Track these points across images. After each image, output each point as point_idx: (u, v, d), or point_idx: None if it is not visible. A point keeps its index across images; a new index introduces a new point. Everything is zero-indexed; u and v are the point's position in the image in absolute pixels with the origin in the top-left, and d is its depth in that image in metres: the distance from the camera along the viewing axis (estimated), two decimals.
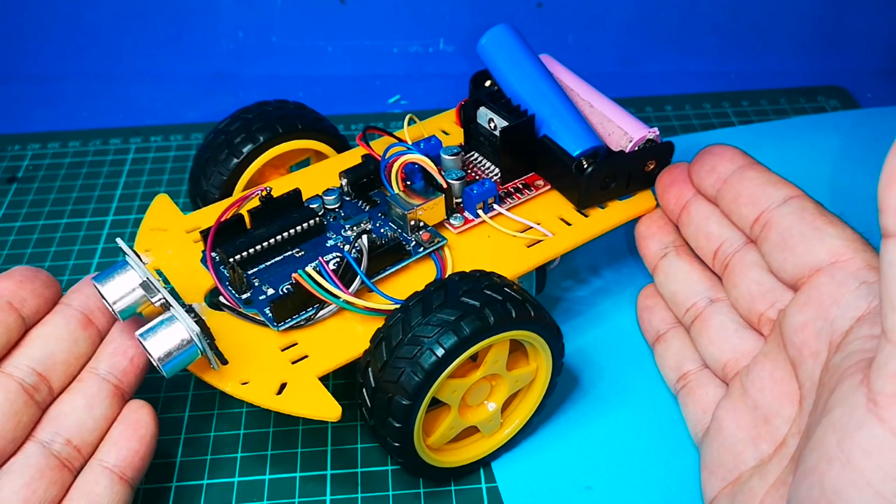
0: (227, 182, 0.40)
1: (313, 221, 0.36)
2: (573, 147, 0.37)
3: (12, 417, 0.30)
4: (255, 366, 0.31)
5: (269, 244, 0.35)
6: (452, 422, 0.33)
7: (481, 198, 0.37)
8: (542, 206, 0.38)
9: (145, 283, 0.30)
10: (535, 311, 0.31)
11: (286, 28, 0.64)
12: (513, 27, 0.41)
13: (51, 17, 0.62)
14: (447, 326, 0.29)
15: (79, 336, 0.32)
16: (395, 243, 0.34)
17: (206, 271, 0.35)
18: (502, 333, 0.30)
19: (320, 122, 0.42)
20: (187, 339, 0.29)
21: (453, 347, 0.29)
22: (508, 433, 0.35)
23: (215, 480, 0.35)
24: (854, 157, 0.53)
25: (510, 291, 0.31)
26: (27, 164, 0.55)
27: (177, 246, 0.37)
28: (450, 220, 0.37)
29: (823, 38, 0.65)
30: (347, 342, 0.32)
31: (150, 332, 0.29)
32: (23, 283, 0.32)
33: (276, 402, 0.30)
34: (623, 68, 0.65)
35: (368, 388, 0.31)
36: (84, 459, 0.31)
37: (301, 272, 0.32)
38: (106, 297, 0.31)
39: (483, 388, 0.33)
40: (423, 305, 0.30)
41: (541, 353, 0.33)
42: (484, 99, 0.39)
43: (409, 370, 0.29)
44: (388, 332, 0.30)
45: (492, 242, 0.36)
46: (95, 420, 0.31)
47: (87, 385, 0.31)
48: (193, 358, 0.29)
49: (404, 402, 0.29)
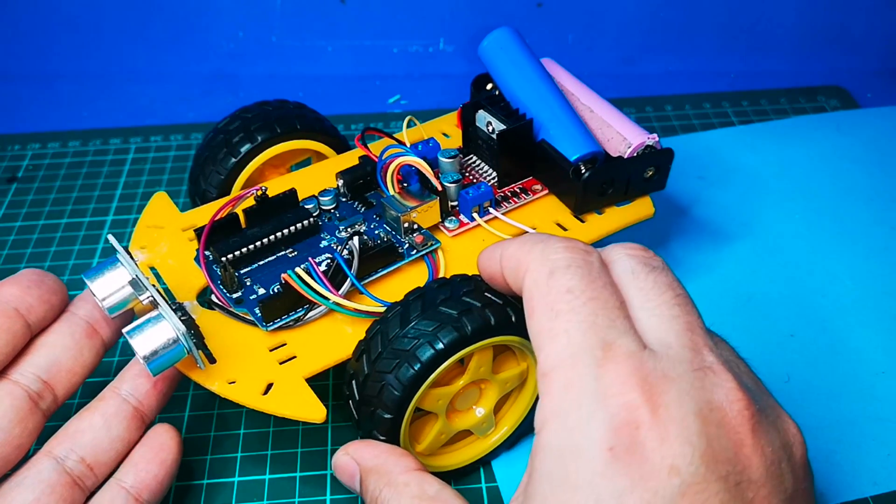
0: (225, 181, 0.40)
1: (307, 222, 0.35)
2: (571, 152, 0.37)
3: (18, 423, 0.30)
4: (242, 365, 0.31)
5: (262, 244, 0.34)
6: (441, 429, 0.33)
7: (477, 201, 0.36)
8: (538, 211, 0.38)
9: (134, 280, 0.31)
10: (516, 315, 0.30)
11: (286, 28, 0.64)
12: (515, 30, 0.41)
13: (50, 17, 0.62)
14: (424, 338, 0.29)
15: (84, 345, 0.32)
16: (388, 245, 0.34)
17: (199, 270, 0.35)
18: (482, 341, 0.30)
19: (320, 122, 0.42)
20: (173, 338, 0.29)
21: (431, 360, 0.29)
22: (503, 434, 0.35)
23: (215, 480, 0.35)
24: (854, 157, 0.53)
25: (491, 296, 0.30)
26: (27, 164, 0.55)
27: (172, 243, 0.37)
28: (444, 224, 0.37)
29: (823, 38, 0.65)
30: (336, 344, 0.32)
31: (137, 329, 0.29)
32: (30, 288, 0.32)
33: (262, 402, 0.30)
34: (623, 68, 0.65)
35: (354, 400, 0.31)
36: (96, 479, 0.31)
37: (290, 272, 0.32)
38: (95, 293, 0.31)
39: (472, 393, 0.33)
40: (401, 317, 0.30)
41: (528, 354, 0.33)
42: (483, 102, 0.39)
43: (389, 384, 0.29)
44: (368, 345, 0.30)
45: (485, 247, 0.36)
46: (111, 440, 0.31)
47: (106, 404, 0.32)
48: (179, 357, 0.29)
49: (386, 415, 0.30)
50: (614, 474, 0.22)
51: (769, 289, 0.44)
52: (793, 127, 0.56)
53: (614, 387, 0.23)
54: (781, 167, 0.52)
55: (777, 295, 0.43)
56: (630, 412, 0.22)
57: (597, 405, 0.23)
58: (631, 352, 0.23)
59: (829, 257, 0.45)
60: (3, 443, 0.29)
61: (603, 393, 0.23)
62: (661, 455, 0.22)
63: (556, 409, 0.23)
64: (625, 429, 0.22)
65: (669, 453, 0.22)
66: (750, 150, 0.54)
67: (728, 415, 0.23)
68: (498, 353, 0.33)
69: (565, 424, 0.23)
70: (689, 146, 0.54)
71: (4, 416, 0.30)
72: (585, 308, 0.24)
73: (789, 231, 0.47)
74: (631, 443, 0.22)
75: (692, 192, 0.50)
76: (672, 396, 0.23)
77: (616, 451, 0.22)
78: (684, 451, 0.22)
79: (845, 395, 0.38)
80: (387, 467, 0.29)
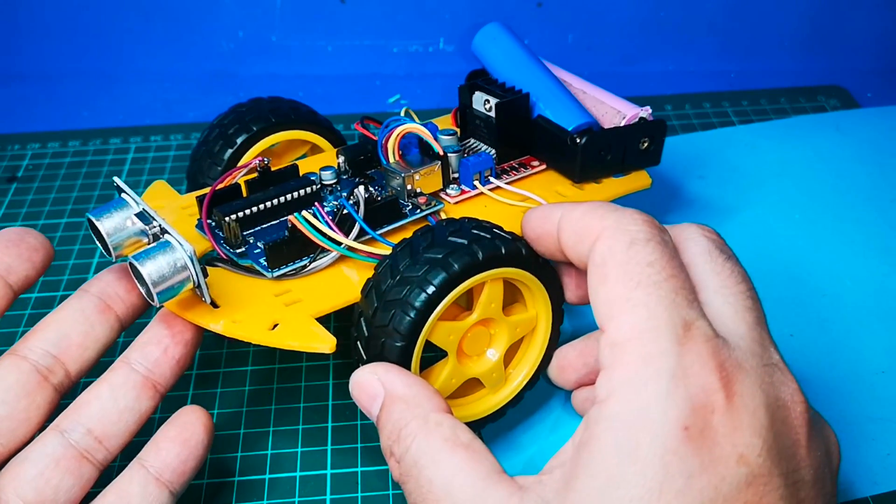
0: (222, 173, 0.40)
1: (310, 189, 0.35)
2: (568, 122, 0.37)
3: (25, 397, 0.29)
4: (248, 307, 0.31)
5: (265, 206, 0.34)
6: (452, 370, 0.32)
7: (478, 167, 0.37)
8: (538, 183, 0.38)
9: (141, 213, 0.30)
10: (526, 249, 0.30)
11: (286, 28, 0.64)
12: (504, 24, 0.42)
13: (50, 16, 0.62)
14: (435, 264, 0.29)
15: (95, 320, 0.31)
16: (392, 199, 0.34)
17: (201, 239, 0.35)
18: (493, 270, 0.30)
19: (313, 115, 0.42)
20: (183, 262, 0.28)
21: (443, 283, 0.28)
22: (514, 388, 0.34)
23: (215, 480, 0.35)
24: (854, 157, 0.53)
25: (499, 231, 0.30)
26: (27, 164, 0.55)
27: (173, 219, 0.36)
28: (446, 191, 0.37)
29: (824, 38, 0.65)
30: (342, 289, 0.32)
31: (144, 254, 0.28)
32: (8, 248, 0.31)
33: (269, 336, 0.29)
34: (623, 68, 0.65)
35: (363, 338, 0.30)
36: (108, 453, 0.30)
37: (297, 215, 0.31)
38: (103, 230, 0.30)
39: (481, 335, 0.32)
40: (411, 249, 0.30)
41: (538, 297, 0.32)
42: (479, 83, 0.39)
43: (399, 311, 0.28)
44: (377, 279, 0.30)
45: (488, 212, 0.36)
46: (120, 411, 0.30)
47: (115, 374, 0.31)
48: (187, 282, 0.29)
49: (398, 343, 0.29)
50: (686, 454, 0.22)
51: (769, 288, 0.43)
52: (793, 127, 0.56)
53: (694, 367, 0.23)
54: (781, 167, 0.52)
55: (777, 295, 0.43)
56: (707, 395, 0.22)
57: (676, 383, 0.22)
58: (709, 335, 0.23)
59: (829, 257, 0.45)
60: (6, 416, 0.29)
61: (683, 372, 0.23)
62: (733, 443, 0.22)
63: (630, 379, 0.23)
64: (700, 411, 0.22)
65: (741, 442, 0.22)
66: (750, 150, 0.54)
67: (791, 414, 0.23)
68: (507, 303, 0.32)
69: (639, 396, 0.23)
70: (689, 146, 0.54)
71: (10, 390, 0.29)
72: (667, 284, 0.24)
73: (789, 230, 0.47)
74: (705, 426, 0.22)
75: (692, 192, 0.50)
76: (746, 386, 0.23)
77: (691, 431, 0.22)
78: (754, 442, 0.22)
79: (845, 395, 0.38)
80: (418, 400, 0.27)
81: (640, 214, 0.26)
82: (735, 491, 0.22)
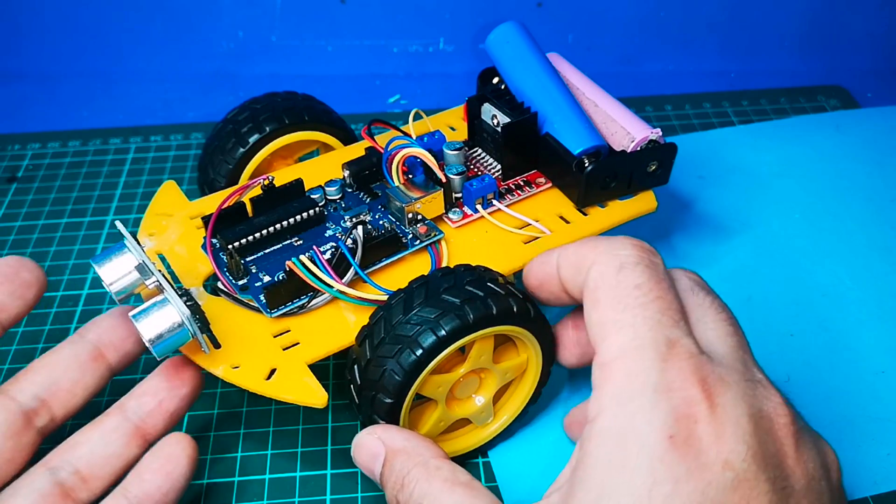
0: (233, 171, 0.40)
1: (313, 211, 0.36)
2: (575, 145, 0.37)
3: (10, 438, 0.30)
4: (247, 351, 0.32)
5: (268, 232, 0.35)
6: (440, 416, 0.33)
7: (480, 193, 0.37)
8: (542, 204, 0.38)
9: (141, 265, 0.31)
10: (518, 306, 0.31)
11: (286, 28, 0.64)
12: (521, 24, 0.42)
13: (50, 16, 0.62)
14: (426, 325, 0.29)
15: (87, 368, 0.32)
16: (391, 235, 0.34)
17: (206, 257, 0.35)
18: (484, 330, 0.30)
19: (328, 114, 0.43)
20: (178, 322, 0.29)
21: (433, 346, 0.29)
22: (502, 424, 0.35)
23: (215, 480, 0.35)
24: (854, 157, 0.53)
25: (493, 287, 0.31)
26: (27, 164, 0.55)
27: (180, 231, 0.37)
28: (448, 215, 0.37)
29: (823, 38, 0.65)
30: (339, 331, 0.33)
31: (143, 313, 0.29)
32: (2, 284, 0.32)
33: (265, 386, 0.30)
34: (623, 68, 0.65)
35: (355, 385, 0.31)
36: (91, 492, 0.31)
37: (295, 260, 0.32)
38: (103, 277, 0.31)
39: (472, 382, 0.33)
40: (405, 303, 0.30)
41: (529, 345, 0.33)
42: (488, 95, 0.39)
43: (390, 369, 0.29)
44: (371, 330, 0.31)
45: (489, 238, 0.36)
46: (107, 456, 0.31)
47: (108, 420, 0.32)
48: (184, 340, 0.30)
49: (387, 400, 0.30)
50: (672, 461, 0.23)
51: (769, 288, 0.44)
52: (793, 126, 0.56)
53: (677, 381, 0.24)
54: (781, 167, 0.52)
55: (777, 294, 0.43)
56: (690, 406, 0.23)
57: (660, 395, 0.24)
58: (692, 352, 0.25)
59: (829, 257, 0.45)
60: None
61: (666, 385, 0.24)
62: (717, 450, 0.23)
63: (617, 395, 0.24)
64: (684, 421, 0.23)
65: (724, 449, 0.23)
66: (750, 149, 0.54)
67: (775, 425, 0.24)
68: (499, 343, 0.33)
69: (626, 410, 0.24)
70: (689, 146, 0.54)
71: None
72: (653, 305, 0.25)
73: (789, 230, 0.47)
74: (689, 435, 0.23)
75: (692, 192, 0.50)
76: (728, 398, 0.24)
77: (676, 439, 0.23)
78: (738, 448, 0.23)
79: (845, 394, 0.38)
80: (418, 450, 0.29)
81: (630, 240, 0.28)
82: (722, 495, 0.22)
